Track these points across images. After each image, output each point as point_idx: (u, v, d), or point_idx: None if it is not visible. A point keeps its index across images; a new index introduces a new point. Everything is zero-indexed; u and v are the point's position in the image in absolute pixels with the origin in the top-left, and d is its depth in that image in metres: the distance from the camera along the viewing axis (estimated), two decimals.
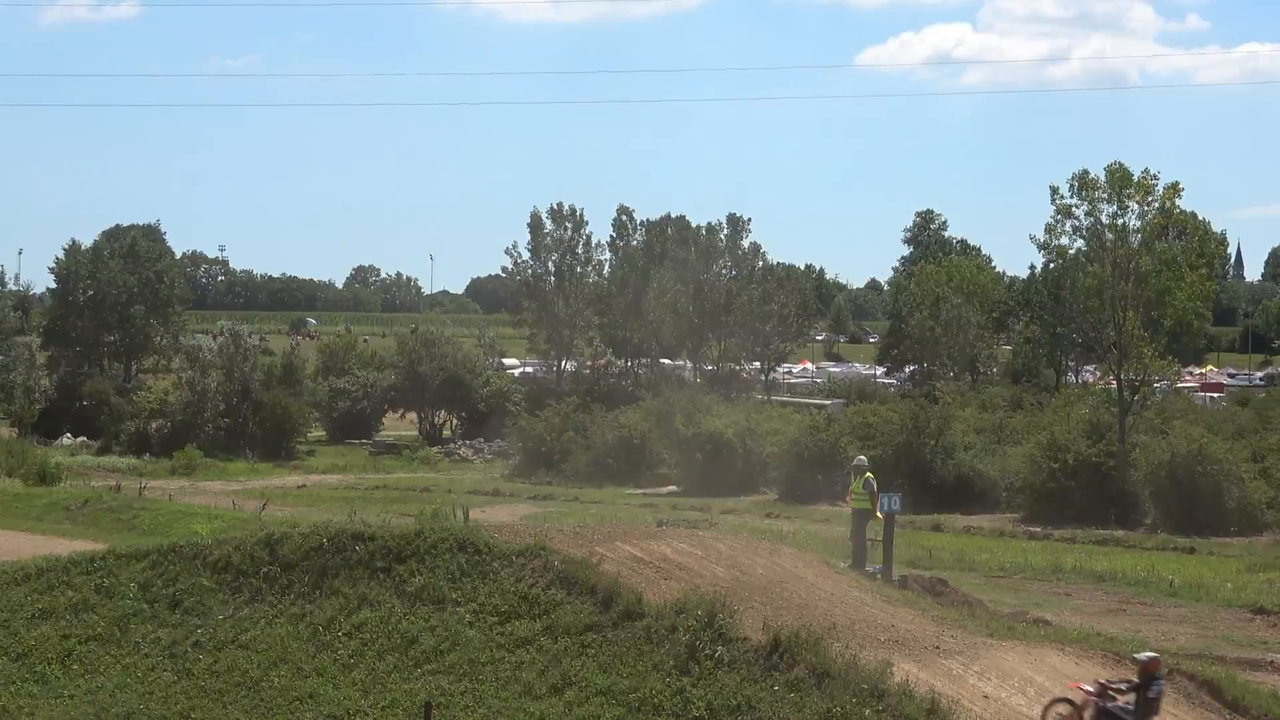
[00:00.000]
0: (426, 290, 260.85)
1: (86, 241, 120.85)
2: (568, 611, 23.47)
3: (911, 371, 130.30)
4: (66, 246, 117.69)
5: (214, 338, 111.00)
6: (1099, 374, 79.69)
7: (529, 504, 67.42)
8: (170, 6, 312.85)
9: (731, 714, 20.96)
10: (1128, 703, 22.49)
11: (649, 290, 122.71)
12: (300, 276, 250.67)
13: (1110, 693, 22.61)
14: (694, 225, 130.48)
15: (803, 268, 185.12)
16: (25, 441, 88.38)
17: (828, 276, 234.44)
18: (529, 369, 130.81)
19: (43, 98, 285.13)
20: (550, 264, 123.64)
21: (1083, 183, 68.02)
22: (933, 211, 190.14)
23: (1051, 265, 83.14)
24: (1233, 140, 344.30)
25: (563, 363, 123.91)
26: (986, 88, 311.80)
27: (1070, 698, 23.16)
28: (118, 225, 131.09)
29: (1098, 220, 68.30)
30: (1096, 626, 32.45)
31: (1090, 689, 22.97)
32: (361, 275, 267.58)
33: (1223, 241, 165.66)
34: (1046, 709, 22.98)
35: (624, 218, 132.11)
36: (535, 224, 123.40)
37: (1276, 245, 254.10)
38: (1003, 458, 72.14)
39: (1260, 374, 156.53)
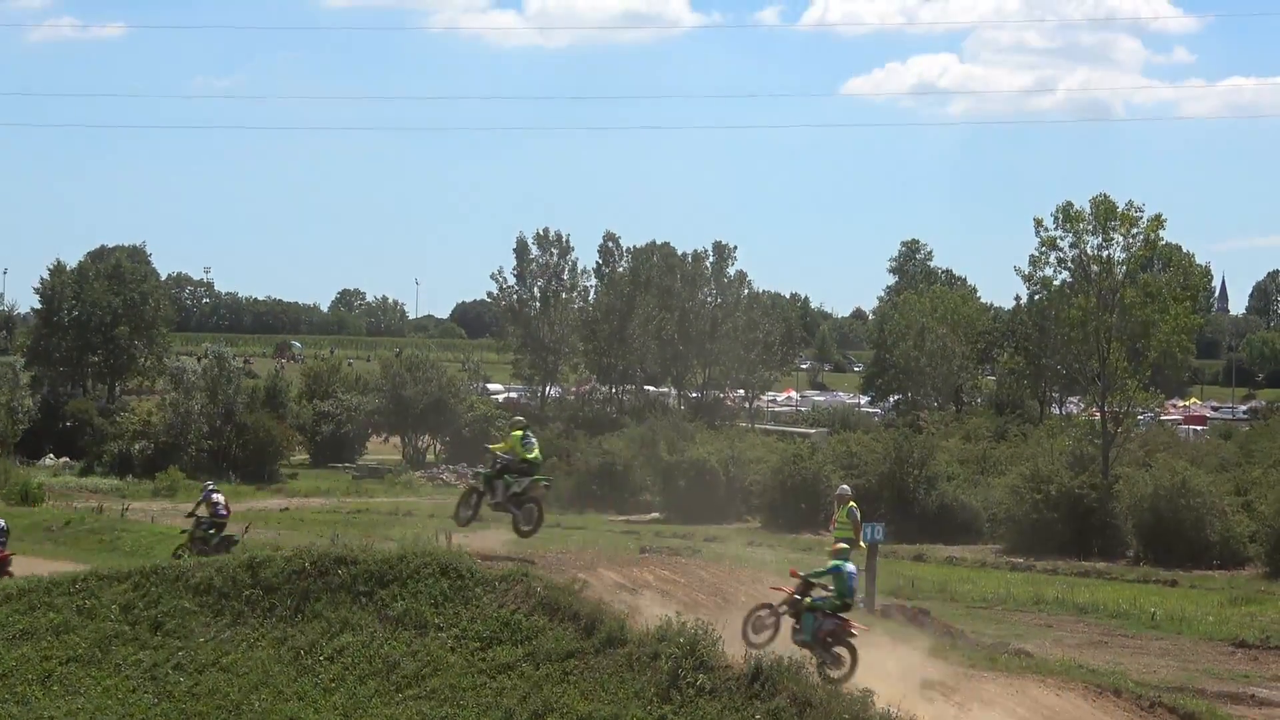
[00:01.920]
0: (412, 314, 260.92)
1: (71, 262, 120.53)
2: (550, 638, 23.44)
3: (896, 401, 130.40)
4: (51, 267, 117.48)
5: (198, 360, 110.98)
6: (1083, 406, 79.79)
7: (511, 530, 67.25)
8: (156, 28, 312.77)
9: None
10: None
11: (634, 317, 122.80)
12: (285, 299, 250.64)
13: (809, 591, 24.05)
14: (680, 252, 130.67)
15: (788, 296, 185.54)
16: (7, 462, 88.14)
17: (813, 305, 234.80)
18: (513, 394, 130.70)
19: (28, 117, 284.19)
20: (536, 289, 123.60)
21: (1067, 214, 68.25)
22: (918, 241, 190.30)
23: (1036, 297, 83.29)
24: (1217, 173, 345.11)
25: (547, 388, 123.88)
26: (971, 118, 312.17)
27: (770, 601, 24.35)
28: (103, 246, 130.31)
29: (1082, 252, 68.53)
30: (1078, 658, 32.50)
31: (792, 589, 24.20)
32: (346, 299, 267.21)
33: (1206, 274, 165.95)
34: (747, 617, 24.09)
35: (610, 244, 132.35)
36: (521, 249, 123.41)
37: (1261, 279, 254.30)
38: (986, 488, 72.24)
39: (1244, 407, 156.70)
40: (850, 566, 24.15)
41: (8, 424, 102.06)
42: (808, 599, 23.91)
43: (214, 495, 38.45)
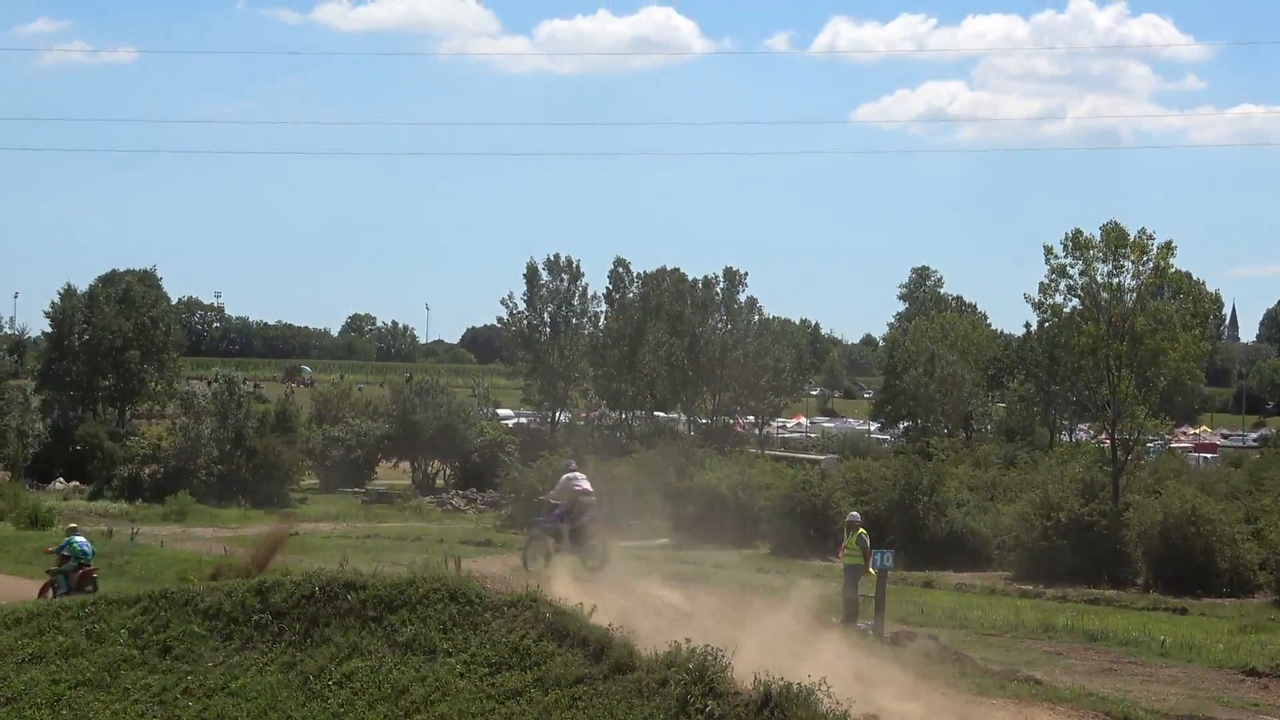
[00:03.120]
0: (422, 339, 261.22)
1: (82, 286, 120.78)
2: (559, 663, 23.43)
3: (905, 428, 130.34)
4: (62, 291, 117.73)
5: (208, 384, 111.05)
6: (1092, 433, 79.66)
7: (521, 555, 67.21)
8: (166, 52, 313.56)
9: None
10: None
11: (644, 343, 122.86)
12: (295, 324, 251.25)
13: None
14: (690, 278, 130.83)
15: (798, 322, 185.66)
16: (18, 485, 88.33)
17: (823, 331, 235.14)
18: (523, 419, 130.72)
19: (39, 141, 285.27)
20: (546, 315, 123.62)
21: (1077, 242, 68.14)
22: (928, 268, 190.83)
23: (1046, 324, 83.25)
24: (1228, 200, 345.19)
25: (557, 414, 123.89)
26: (981, 145, 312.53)
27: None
28: (114, 270, 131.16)
29: (1092, 279, 68.39)
30: (1087, 686, 32.38)
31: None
32: (357, 323, 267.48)
33: (1216, 301, 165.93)
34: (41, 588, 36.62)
35: (620, 270, 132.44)
36: (531, 275, 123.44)
37: (1271, 306, 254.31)
38: (996, 515, 72.08)
39: (1254, 435, 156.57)
40: (79, 538, 40.21)
41: (18, 448, 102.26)
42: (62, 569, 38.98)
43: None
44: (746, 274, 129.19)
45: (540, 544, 31.74)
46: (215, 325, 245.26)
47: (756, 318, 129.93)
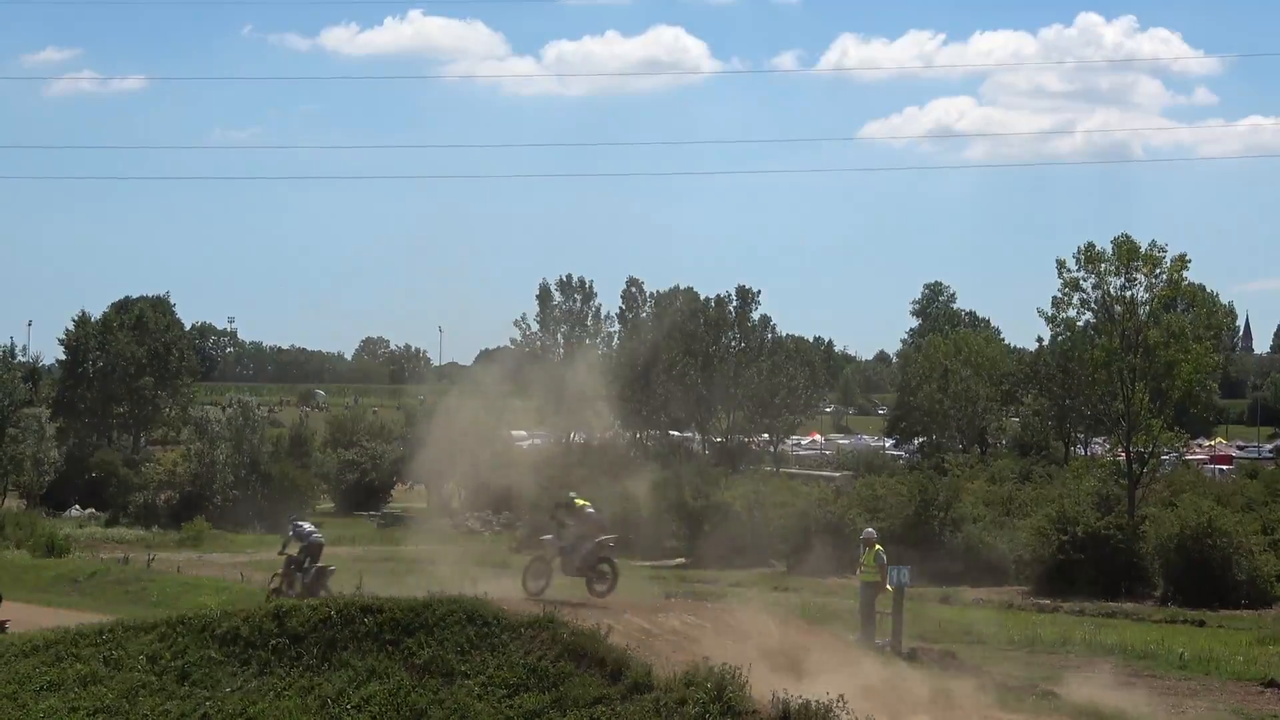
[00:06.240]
0: (435, 362, 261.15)
1: (95, 313, 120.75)
2: (576, 684, 23.42)
3: (920, 444, 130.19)
4: (75, 318, 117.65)
5: (222, 409, 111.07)
6: (1107, 446, 79.59)
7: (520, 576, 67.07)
8: (175, 79, 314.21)
9: None
10: None
11: (658, 362, 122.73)
12: (309, 348, 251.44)
13: None
14: (703, 297, 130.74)
15: (811, 340, 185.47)
16: (34, 513, 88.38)
17: (837, 348, 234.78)
18: (537, 440, 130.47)
19: (50, 169, 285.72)
20: (559, 336, 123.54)
21: (1089, 255, 68.12)
22: (941, 284, 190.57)
23: (1059, 338, 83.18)
24: (1240, 213, 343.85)
25: (571, 434, 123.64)
26: (991, 161, 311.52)
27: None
28: (127, 297, 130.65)
29: (1105, 293, 68.35)
30: (1106, 700, 32.33)
31: None
32: (370, 347, 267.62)
33: (1230, 313, 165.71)
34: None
35: (633, 290, 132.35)
36: (544, 295, 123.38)
37: None
38: (1011, 530, 71.96)
39: (1269, 446, 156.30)
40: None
41: (34, 476, 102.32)
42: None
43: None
44: (759, 292, 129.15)
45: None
46: (229, 350, 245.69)
47: (770, 336, 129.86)
